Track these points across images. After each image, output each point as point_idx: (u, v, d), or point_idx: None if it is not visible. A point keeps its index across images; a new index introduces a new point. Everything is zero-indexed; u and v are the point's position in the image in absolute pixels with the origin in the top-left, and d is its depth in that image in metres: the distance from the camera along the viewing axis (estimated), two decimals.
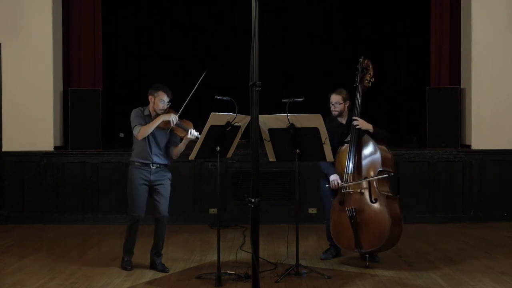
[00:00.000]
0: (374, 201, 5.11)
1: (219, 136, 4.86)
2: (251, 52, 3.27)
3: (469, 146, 7.59)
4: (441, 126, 7.62)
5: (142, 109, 5.18)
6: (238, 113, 4.77)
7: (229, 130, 4.87)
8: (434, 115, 7.65)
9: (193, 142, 5.00)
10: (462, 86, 7.85)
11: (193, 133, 5.00)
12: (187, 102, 5.05)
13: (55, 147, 7.67)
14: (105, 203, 7.38)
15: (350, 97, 5.54)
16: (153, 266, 5.21)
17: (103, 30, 8.19)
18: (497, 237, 6.55)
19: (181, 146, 5.18)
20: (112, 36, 8.77)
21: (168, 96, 5.10)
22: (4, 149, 7.63)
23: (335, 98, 5.50)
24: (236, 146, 5.16)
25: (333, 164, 5.41)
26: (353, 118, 5.29)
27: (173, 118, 4.97)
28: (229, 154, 5.16)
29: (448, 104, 7.61)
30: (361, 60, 5.45)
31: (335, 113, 5.51)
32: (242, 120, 4.91)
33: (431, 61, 8.10)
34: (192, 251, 5.97)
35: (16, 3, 7.58)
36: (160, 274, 5.06)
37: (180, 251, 5.94)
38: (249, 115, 3.57)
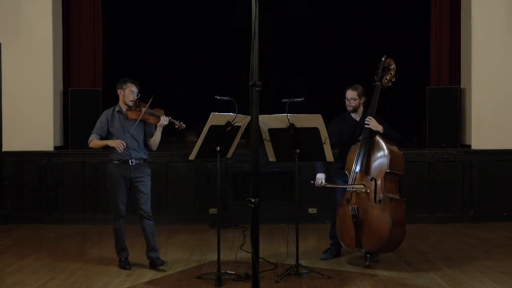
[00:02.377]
0: (378, 202, 5.09)
1: (219, 136, 4.86)
2: (251, 52, 3.28)
3: (469, 146, 7.59)
4: (441, 126, 7.62)
5: (112, 109, 5.28)
6: (238, 113, 4.77)
7: (229, 130, 4.87)
8: (434, 115, 7.65)
9: (194, 138, 5.02)
10: (462, 86, 7.85)
11: (165, 118, 5.09)
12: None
13: (55, 147, 7.67)
14: (105, 203, 7.34)
15: (366, 93, 5.51)
16: (152, 264, 5.22)
17: (103, 30, 8.19)
18: (497, 237, 6.54)
19: (157, 135, 5.22)
20: (112, 36, 8.78)
21: (136, 87, 5.22)
22: (4, 149, 7.63)
23: (350, 94, 5.46)
24: (236, 146, 5.16)
25: (324, 162, 5.41)
26: (367, 117, 5.27)
27: (119, 144, 5.00)
28: (229, 154, 5.16)
29: (448, 104, 7.61)
30: (383, 59, 5.41)
31: (349, 108, 5.49)
32: (242, 120, 4.91)
33: (431, 61, 8.09)
34: (192, 251, 5.97)
35: (16, 3, 7.57)
36: (160, 274, 5.06)
37: (180, 251, 5.94)
38: (249, 115, 3.57)
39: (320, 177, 5.44)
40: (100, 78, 8.16)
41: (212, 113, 4.73)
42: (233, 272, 4.96)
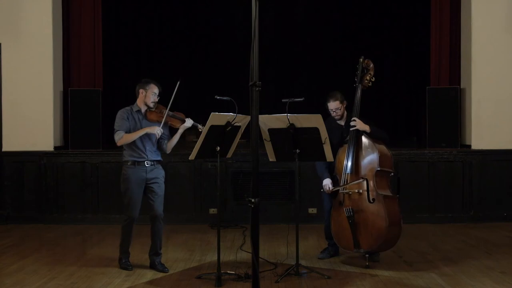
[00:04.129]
0: (372, 201, 5.10)
1: (219, 136, 4.86)
2: (251, 52, 3.27)
3: (469, 146, 7.59)
4: (441, 126, 7.62)
5: (129, 108, 5.20)
6: (238, 113, 4.77)
7: (229, 130, 4.87)
8: (434, 115, 7.65)
9: (194, 138, 5.01)
10: (462, 86, 7.85)
11: (189, 121, 5.07)
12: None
13: (55, 147, 7.67)
14: (105, 203, 7.38)
15: (345, 97, 5.50)
16: (152, 266, 5.21)
17: (103, 30, 8.19)
18: (497, 237, 6.54)
19: (177, 137, 5.19)
20: (112, 36, 8.78)
21: (158, 89, 5.16)
22: (4, 149, 7.63)
23: (334, 105, 5.43)
24: (236, 146, 5.16)
25: (327, 167, 5.45)
26: (352, 119, 5.29)
27: (158, 130, 5.00)
28: (229, 154, 5.16)
29: (448, 104, 7.60)
30: (361, 60, 5.44)
31: (337, 117, 5.50)
32: (242, 120, 4.91)
33: (431, 61, 8.10)
34: (192, 251, 5.97)
35: (16, 3, 7.57)
36: (160, 274, 5.06)
37: (180, 251, 5.94)
38: (249, 115, 3.57)
39: (327, 182, 5.43)
40: (100, 78, 8.16)
41: (212, 113, 4.73)
42: (233, 272, 4.95)
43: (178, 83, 5.02)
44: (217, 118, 4.77)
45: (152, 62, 9.09)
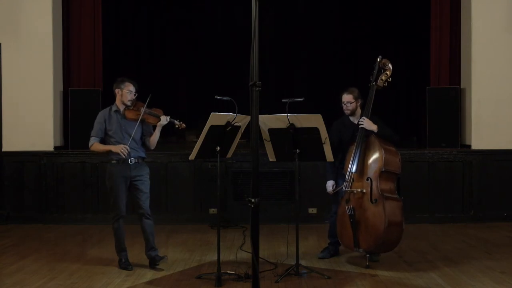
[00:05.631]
0: (374, 201, 5.10)
1: (219, 136, 4.87)
2: (251, 52, 3.28)
3: (469, 146, 7.59)
4: (441, 126, 7.62)
5: (108, 109, 5.25)
6: (238, 113, 4.78)
7: (229, 130, 4.87)
8: (434, 115, 7.65)
9: (194, 138, 5.03)
10: (462, 86, 7.85)
11: (164, 118, 5.11)
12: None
13: (55, 147, 7.67)
14: (105, 203, 7.35)
15: (361, 96, 5.53)
16: (152, 264, 5.22)
17: (103, 30, 8.19)
18: (497, 237, 6.54)
19: (156, 134, 5.22)
20: (112, 36, 8.78)
21: (134, 86, 5.20)
22: (4, 149, 7.63)
23: (346, 98, 5.49)
24: (236, 146, 5.16)
25: (334, 168, 5.47)
26: (361, 119, 5.29)
27: (122, 149, 5.01)
28: (229, 154, 5.16)
29: (448, 104, 7.60)
30: (378, 59, 5.42)
31: (347, 112, 5.52)
32: (242, 120, 4.92)
33: (431, 61, 8.09)
34: (192, 251, 5.97)
35: (16, 3, 7.57)
36: (160, 274, 5.06)
37: (180, 251, 5.94)
38: (249, 115, 3.57)
39: (329, 184, 5.54)
40: (100, 78, 8.16)
41: (212, 113, 4.73)
42: (233, 272, 4.95)
43: (149, 98, 5.08)
44: (217, 118, 4.77)
45: (152, 62, 9.08)
